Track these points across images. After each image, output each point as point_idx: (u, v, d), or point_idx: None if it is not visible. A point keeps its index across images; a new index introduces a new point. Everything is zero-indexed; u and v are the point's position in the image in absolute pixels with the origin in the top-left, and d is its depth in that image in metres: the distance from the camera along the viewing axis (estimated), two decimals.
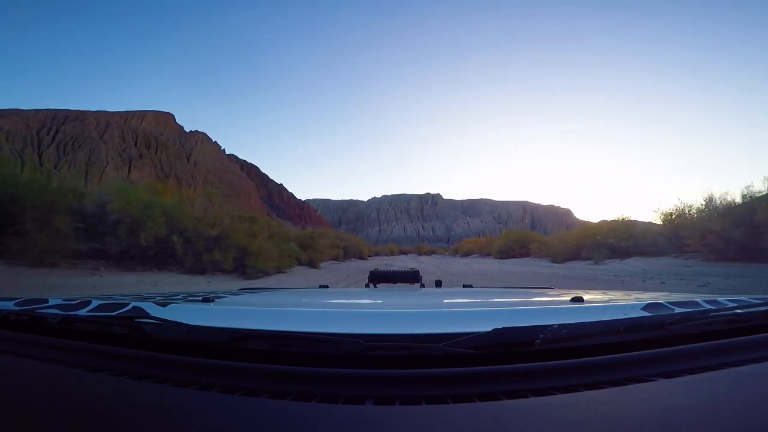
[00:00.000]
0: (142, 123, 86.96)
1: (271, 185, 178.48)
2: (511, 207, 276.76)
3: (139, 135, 77.51)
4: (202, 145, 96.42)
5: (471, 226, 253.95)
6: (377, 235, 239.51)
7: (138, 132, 78.49)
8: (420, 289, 2.20)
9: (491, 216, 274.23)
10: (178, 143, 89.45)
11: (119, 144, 71.36)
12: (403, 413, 0.45)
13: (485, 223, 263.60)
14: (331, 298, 1.42)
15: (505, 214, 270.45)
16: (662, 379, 0.52)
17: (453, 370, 0.52)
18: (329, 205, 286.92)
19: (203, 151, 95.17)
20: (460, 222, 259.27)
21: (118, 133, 73.79)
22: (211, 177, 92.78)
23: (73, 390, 0.54)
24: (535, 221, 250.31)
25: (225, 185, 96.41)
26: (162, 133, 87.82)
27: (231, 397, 0.48)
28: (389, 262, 28.39)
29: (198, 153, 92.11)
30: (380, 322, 0.73)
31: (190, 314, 0.74)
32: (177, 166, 79.76)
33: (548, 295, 1.33)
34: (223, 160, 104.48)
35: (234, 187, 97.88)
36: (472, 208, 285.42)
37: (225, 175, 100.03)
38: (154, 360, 0.60)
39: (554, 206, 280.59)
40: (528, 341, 0.55)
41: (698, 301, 0.80)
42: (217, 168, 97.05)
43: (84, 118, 72.18)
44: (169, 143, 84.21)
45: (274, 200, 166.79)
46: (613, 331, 0.60)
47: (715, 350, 0.60)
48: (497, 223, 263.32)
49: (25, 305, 0.81)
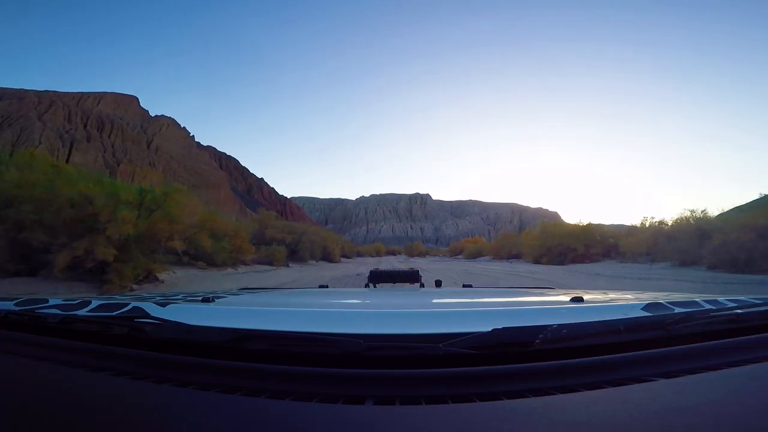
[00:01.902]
0: (99, 104, 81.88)
1: (251, 179, 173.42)
2: (499, 209, 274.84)
3: (92, 117, 72.41)
4: (167, 131, 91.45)
5: (460, 227, 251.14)
6: (365, 234, 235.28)
7: (91, 114, 73.29)
8: (420, 289, 2.33)
9: (480, 217, 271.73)
10: (139, 128, 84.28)
11: (63, 125, 66.41)
12: (403, 413, 0.45)
13: (474, 225, 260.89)
14: (331, 298, 1.43)
15: (494, 215, 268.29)
16: (662, 379, 0.52)
17: (453, 370, 0.52)
18: (316, 203, 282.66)
19: (168, 137, 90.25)
20: (449, 223, 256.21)
21: (64, 114, 68.93)
22: (175, 165, 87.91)
23: (73, 390, 0.54)
24: (524, 223, 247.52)
25: (190, 174, 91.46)
26: (122, 116, 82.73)
27: (231, 397, 0.48)
28: (373, 266, 21.26)
29: (161, 139, 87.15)
30: (380, 322, 0.72)
31: (190, 314, 0.74)
32: (133, 152, 74.82)
33: (548, 295, 1.33)
34: (191, 148, 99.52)
35: (201, 177, 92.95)
36: (461, 209, 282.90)
37: (192, 163, 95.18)
38: (154, 360, 0.59)
39: (543, 209, 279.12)
40: (528, 341, 0.55)
41: (698, 301, 0.80)
42: (182, 156, 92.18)
43: (23, 96, 67.13)
44: (127, 127, 79.06)
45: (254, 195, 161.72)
46: (613, 331, 0.59)
47: (715, 350, 0.60)
48: (486, 224, 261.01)
49: (25, 305, 0.81)
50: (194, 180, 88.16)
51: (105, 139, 71.56)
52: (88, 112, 74.36)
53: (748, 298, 0.84)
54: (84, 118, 71.81)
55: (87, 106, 78.61)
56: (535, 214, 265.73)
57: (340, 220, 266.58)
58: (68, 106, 71.95)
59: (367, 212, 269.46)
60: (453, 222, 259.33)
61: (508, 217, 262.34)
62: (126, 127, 78.91)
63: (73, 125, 68.41)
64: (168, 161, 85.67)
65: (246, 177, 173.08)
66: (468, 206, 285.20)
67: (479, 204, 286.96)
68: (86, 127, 70.57)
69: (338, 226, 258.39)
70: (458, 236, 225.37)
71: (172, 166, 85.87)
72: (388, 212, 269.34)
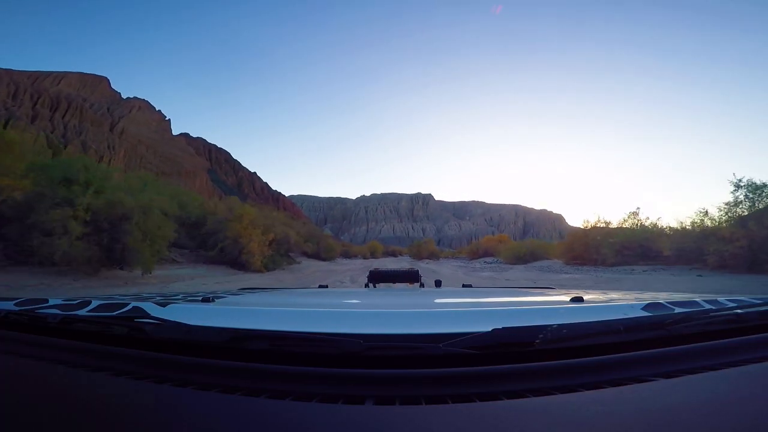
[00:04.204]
0: (59, 84, 77.32)
1: (243, 173, 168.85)
2: (503, 210, 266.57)
3: (44, 95, 67.51)
4: (138, 114, 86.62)
5: (462, 229, 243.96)
6: (365, 234, 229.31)
7: (43, 92, 68.51)
8: (420, 289, 2.35)
9: (483, 219, 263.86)
10: (105, 109, 79.40)
11: (3, 102, 61.18)
12: (403, 413, 0.45)
13: (477, 226, 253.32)
14: (330, 298, 1.42)
15: (497, 217, 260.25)
16: (662, 379, 0.52)
17: (453, 370, 0.52)
18: (315, 202, 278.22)
19: (138, 121, 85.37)
20: (452, 224, 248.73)
21: (9, 91, 64.27)
22: (142, 149, 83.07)
23: (73, 390, 0.54)
24: (528, 225, 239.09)
25: (161, 160, 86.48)
26: (85, 97, 77.95)
27: (231, 397, 0.48)
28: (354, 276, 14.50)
29: (129, 122, 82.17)
30: (380, 322, 0.72)
31: (190, 314, 0.75)
32: (91, 133, 69.77)
33: (548, 295, 1.34)
34: (164, 132, 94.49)
35: (175, 164, 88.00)
36: (463, 210, 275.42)
37: (164, 149, 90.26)
38: (154, 360, 0.59)
39: (546, 211, 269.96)
40: (528, 341, 0.55)
41: (698, 301, 0.81)
42: (154, 141, 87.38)
43: None
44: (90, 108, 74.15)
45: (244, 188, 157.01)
46: (613, 331, 0.59)
47: (715, 350, 0.60)
48: (489, 225, 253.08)
49: (25, 305, 0.81)
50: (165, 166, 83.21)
51: (57, 119, 66.91)
52: (40, 90, 69.79)
53: (748, 298, 0.85)
54: (34, 97, 67.22)
55: (44, 85, 74.48)
56: (539, 216, 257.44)
57: (339, 219, 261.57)
58: (16, 83, 67.51)
59: (367, 212, 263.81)
60: (455, 223, 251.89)
61: (512, 218, 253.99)
62: (87, 108, 74.17)
63: (18, 102, 63.84)
64: (135, 145, 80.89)
65: (237, 170, 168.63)
66: (471, 207, 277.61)
67: (482, 205, 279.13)
68: (35, 105, 65.92)
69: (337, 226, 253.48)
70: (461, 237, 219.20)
71: (138, 151, 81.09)
72: (389, 212, 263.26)
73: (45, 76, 78.63)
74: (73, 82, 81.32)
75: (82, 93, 79.35)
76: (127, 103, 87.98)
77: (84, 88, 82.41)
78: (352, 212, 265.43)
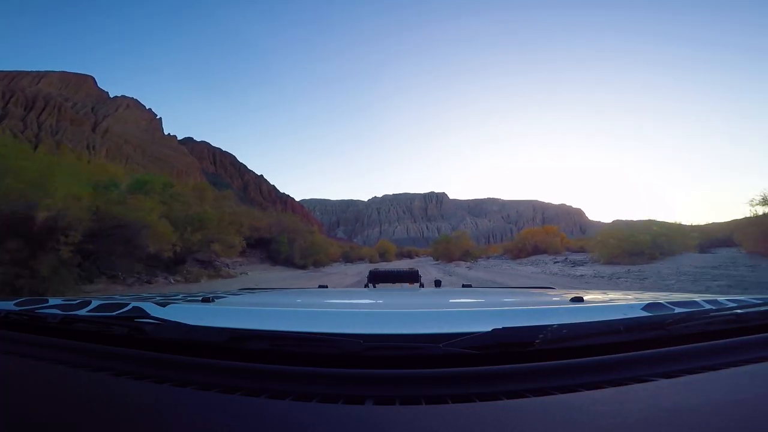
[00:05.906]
0: (39, 83, 74.49)
1: (249, 176, 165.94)
2: (520, 206, 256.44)
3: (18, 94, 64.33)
4: (125, 112, 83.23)
5: (479, 227, 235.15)
6: (378, 236, 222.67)
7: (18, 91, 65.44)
8: (419, 289, 2.34)
9: (500, 216, 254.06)
10: (88, 108, 76.02)
11: None
12: (403, 413, 0.45)
13: (495, 223, 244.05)
14: (330, 298, 1.43)
15: (515, 213, 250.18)
16: (662, 379, 0.52)
17: (453, 370, 0.52)
18: (327, 205, 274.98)
19: (125, 119, 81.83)
20: (468, 222, 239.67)
21: None
22: (129, 149, 79.42)
23: (73, 390, 0.55)
24: (547, 221, 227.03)
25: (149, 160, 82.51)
26: (68, 96, 74.78)
27: (231, 397, 0.48)
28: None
29: (115, 121, 78.69)
30: (380, 322, 0.72)
31: (190, 314, 0.75)
32: (70, 132, 66.21)
33: (548, 295, 1.34)
34: (155, 132, 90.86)
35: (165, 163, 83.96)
36: (479, 208, 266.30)
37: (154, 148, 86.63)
38: (154, 360, 0.60)
39: (566, 205, 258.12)
40: (528, 341, 0.55)
41: (698, 301, 0.81)
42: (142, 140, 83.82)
43: None
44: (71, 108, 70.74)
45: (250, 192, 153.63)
46: (613, 331, 0.60)
47: (715, 350, 0.61)
48: (507, 222, 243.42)
49: (25, 305, 0.81)
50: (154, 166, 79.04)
51: (31, 119, 63.66)
52: (17, 89, 66.80)
53: (748, 298, 0.85)
54: (7, 96, 64.12)
55: (21, 85, 71.86)
56: (558, 210, 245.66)
57: (352, 221, 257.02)
58: None
59: (380, 213, 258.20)
60: (472, 221, 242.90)
61: (530, 214, 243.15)
62: (69, 107, 70.95)
63: None
64: (120, 144, 77.36)
65: (243, 173, 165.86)
66: (486, 204, 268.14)
67: (498, 202, 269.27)
68: (7, 104, 62.74)
69: (350, 228, 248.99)
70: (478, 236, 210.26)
71: (124, 150, 77.48)
72: (401, 212, 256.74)
73: (23, 76, 76.48)
74: (54, 81, 79.16)
75: (64, 92, 76.97)
76: (113, 101, 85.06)
77: (66, 87, 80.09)
78: (365, 214, 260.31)
